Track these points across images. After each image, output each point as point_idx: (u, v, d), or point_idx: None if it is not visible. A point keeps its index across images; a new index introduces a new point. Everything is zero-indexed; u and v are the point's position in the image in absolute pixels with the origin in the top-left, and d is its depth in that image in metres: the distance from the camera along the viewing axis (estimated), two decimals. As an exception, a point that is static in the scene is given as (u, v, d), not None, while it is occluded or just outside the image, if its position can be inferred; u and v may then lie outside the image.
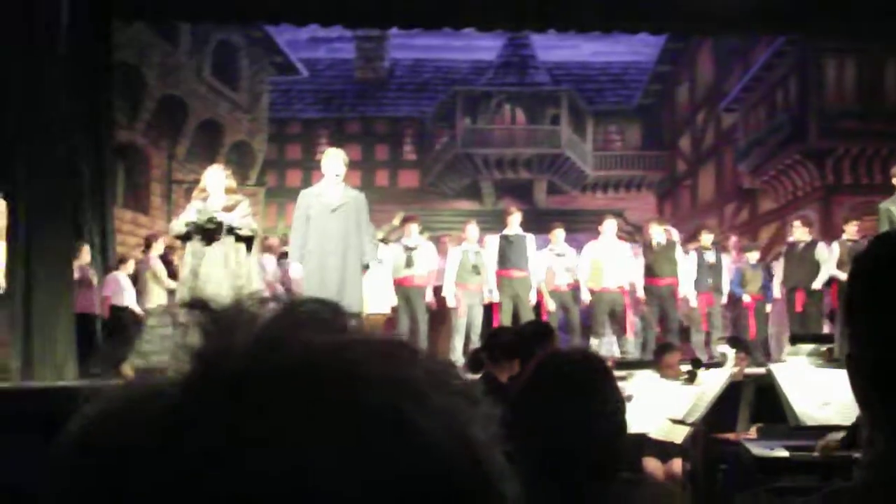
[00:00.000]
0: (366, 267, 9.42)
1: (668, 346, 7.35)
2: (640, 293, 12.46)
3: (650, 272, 12.43)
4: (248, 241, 9.05)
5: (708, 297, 12.87)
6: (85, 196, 10.38)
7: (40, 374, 8.80)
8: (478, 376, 5.79)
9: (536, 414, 1.98)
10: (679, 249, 12.75)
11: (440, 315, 12.70)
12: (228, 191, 9.04)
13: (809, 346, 5.88)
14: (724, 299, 13.03)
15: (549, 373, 2.08)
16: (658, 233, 12.59)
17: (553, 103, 17.05)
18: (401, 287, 12.01)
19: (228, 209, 8.92)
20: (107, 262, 10.97)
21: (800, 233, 12.56)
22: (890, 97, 16.88)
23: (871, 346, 1.13)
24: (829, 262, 12.13)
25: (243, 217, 8.90)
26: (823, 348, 6.56)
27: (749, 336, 12.70)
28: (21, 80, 9.34)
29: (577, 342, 12.31)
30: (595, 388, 2.02)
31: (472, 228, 12.33)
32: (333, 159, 9.37)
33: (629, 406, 4.18)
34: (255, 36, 16.04)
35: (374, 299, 10.97)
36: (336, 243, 9.12)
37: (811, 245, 12.49)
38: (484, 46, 16.43)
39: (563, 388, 2.02)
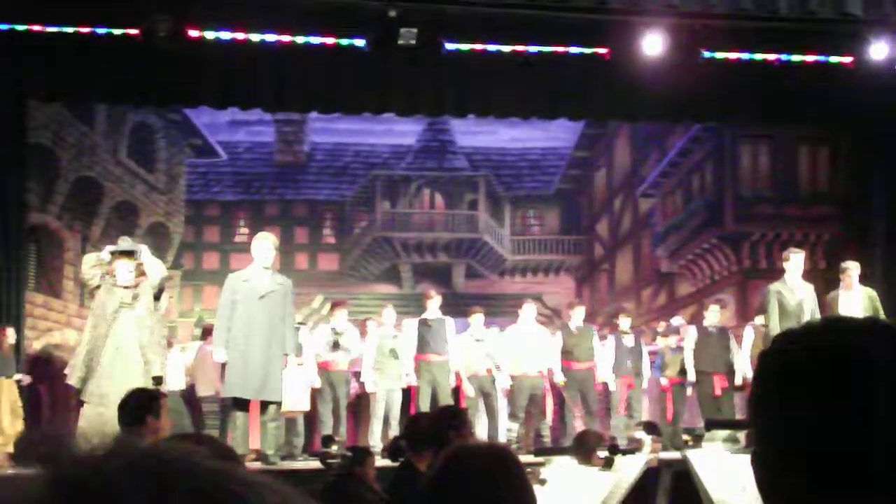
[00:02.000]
0: (286, 356, 9.31)
1: (587, 433, 7.33)
2: (559, 377, 12.48)
3: (568, 356, 12.47)
4: (157, 294, 8.84)
5: (628, 380, 12.93)
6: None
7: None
8: (397, 464, 5.71)
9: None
10: (596, 334, 12.82)
11: (360, 399, 12.61)
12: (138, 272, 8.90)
13: (725, 432, 5.88)
14: (645, 383, 13.10)
15: (455, 468, 2.03)
16: (577, 316, 12.66)
17: (471, 188, 17.14)
18: (324, 371, 11.92)
19: (137, 296, 8.76)
20: (18, 345, 10.73)
21: (714, 316, 12.73)
22: (802, 183, 17.24)
23: (773, 442, 1.13)
24: (743, 350, 12.31)
25: (154, 275, 8.71)
26: (740, 434, 6.58)
27: (667, 420, 12.76)
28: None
29: (499, 427, 12.27)
30: (503, 482, 1.97)
31: (389, 312, 12.32)
32: (263, 244, 9.28)
33: (545, 492, 4.13)
34: (172, 118, 15.95)
35: (293, 396, 10.84)
36: (262, 331, 9.03)
37: (723, 331, 12.69)
38: (404, 131, 16.50)
39: (471, 484, 1.97)
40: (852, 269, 10.67)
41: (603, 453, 6.09)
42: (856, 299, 10.51)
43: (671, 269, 17.50)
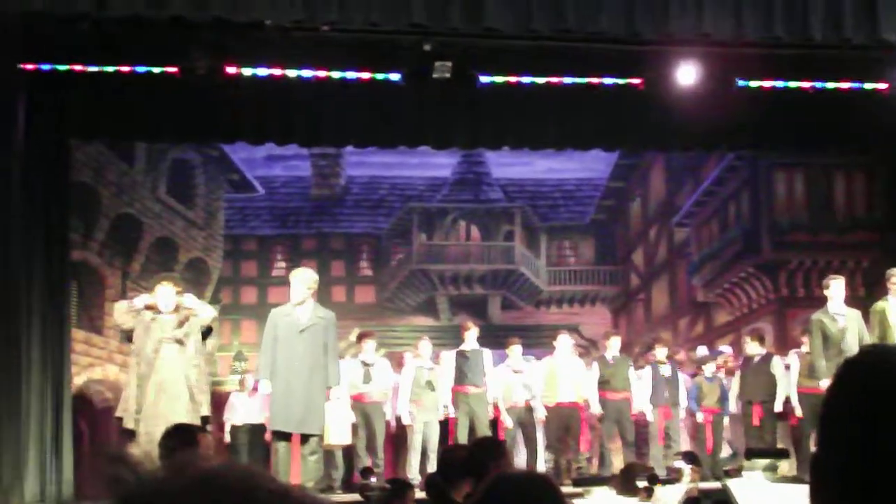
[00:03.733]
0: (329, 389, 9.37)
1: (633, 466, 7.33)
2: (595, 408, 12.47)
3: (605, 386, 12.46)
4: (205, 333, 8.97)
5: (666, 410, 12.88)
6: (34, 317, 10.29)
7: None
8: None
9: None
10: (632, 364, 12.82)
11: (397, 432, 12.63)
12: (177, 308, 9.02)
13: (765, 461, 5.87)
14: (683, 413, 13.05)
15: (498, 496, 2.07)
16: (613, 346, 12.66)
17: (507, 219, 17.19)
18: (358, 403, 11.97)
19: (182, 322, 8.88)
20: (61, 382, 10.83)
21: (752, 347, 12.67)
22: (838, 210, 17.18)
23: (840, 451, 1.13)
24: (787, 377, 12.20)
25: (202, 313, 8.85)
26: (780, 462, 6.56)
27: (706, 451, 12.70)
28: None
29: (538, 458, 12.25)
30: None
31: (425, 344, 12.36)
32: (296, 282, 9.38)
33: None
34: (210, 154, 16.12)
35: (336, 429, 10.92)
36: (302, 364, 9.11)
37: (766, 358, 12.60)
38: (439, 164, 16.59)
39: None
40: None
41: (642, 483, 6.09)
42: None
43: (707, 299, 17.45)
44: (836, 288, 10.60)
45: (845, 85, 11.51)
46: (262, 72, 10.81)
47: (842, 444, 1.13)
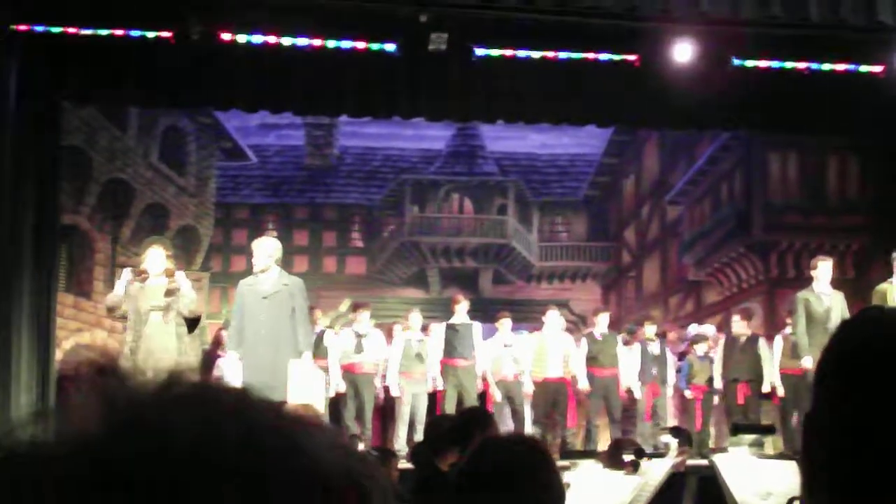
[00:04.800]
0: (302, 353, 9.33)
1: (621, 441, 7.37)
2: (583, 384, 12.50)
3: (593, 362, 12.49)
4: (191, 323, 8.99)
5: (654, 387, 12.92)
6: (24, 280, 10.27)
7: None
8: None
9: (476, 500, 1.96)
10: (620, 340, 12.84)
11: (386, 403, 12.65)
12: (168, 273, 9.00)
13: (751, 437, 5.89)
14: (671, 391, 13.09)
15: (487, 459, 2.07)
16: (602, 323, 12.69)
17: (500, 193, 17.17)
18: (348, 373, 11.98)
19: (170, 292, 8.87)
20: (48, 345, 10.82)
21: (739, 326, 12.72)
22: (831, 192, 17.19)
23: (834, 409, 1.12)
24: (773, 359, 12.27)
25: (190, 297, 8.86)
26: (766, 438, 6.58)
27: (695, 428, 12.74)
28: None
29: (525, 432, 12.28)
30: (534, 474, 2.01)
31: (416, 316, 12.37)
32: (257, 251, 9.33)
33: (569, 495, 4.15)
34: (203, 122, 16.06)
35: (302, 395, 10.90)
36: (267, 330, 9.08)
37: (753, 338, 12.64)
38: (433, 136, 16.56)
39: (503, 474, 2.01)
40: None
41: (629, 457, 6.12)
42: None
43: (698, 277, 17.48)
44: (823, 268, 10.62)
45: (841, 66, 11.48)
46: (258, 39, 10.75)
47: (836, 402, 1.13)
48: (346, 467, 0.57)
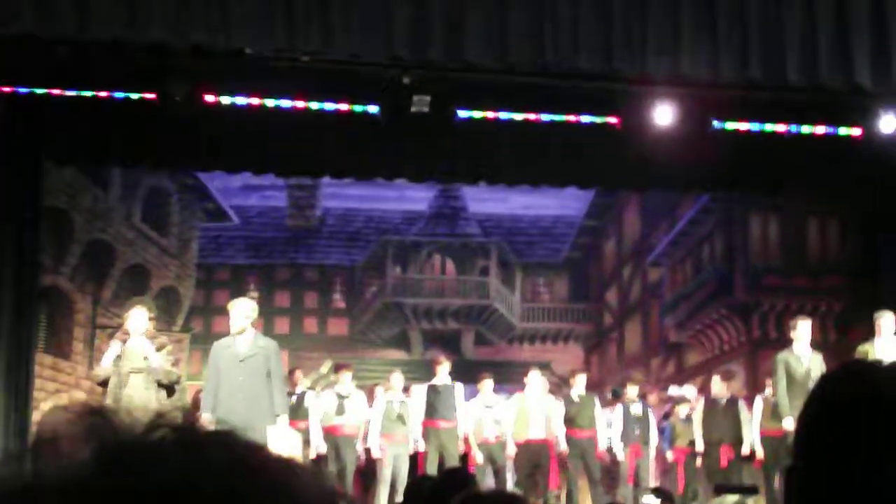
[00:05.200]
0: (277, 417, 9.27)
1: None
2: (563, 445, 12.46)
3: (570, 424, 12.46)
4: (168, 388, 8.94)
5: (636, 449, 12.88)
6: (3, 339, 10.20)
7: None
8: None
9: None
10: (598, 402, 12.82)
11: (367, 464, 12.58)
12: (149, 334, 8.97)
13: (734, 497, 5.87)
14: (653, 452, 13.05)
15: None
16: (579, 384, 12.68)
17: (483, 255, 17.20)
18: (330, 435, 11.92)
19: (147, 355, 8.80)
20: (26, 407, 10.74)
21: (718, 388, 12.73)
22: (812, 254, 17.28)
23: (815, 463, 1.12)
24: (753, 421, 12.26)
25: (167, 363, 8.83)
26: (748, 499, 6.56)
27: (678, 490, 12.69)
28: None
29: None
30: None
31: (397, 377, 12.34)
32: (235, 312, 9.29)
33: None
34: (186, 182, 16.09)
35: (279, 451, 10.77)
36: (244, 394, 9.03)
37: (732, 401, 12.66)
38: (416, 197, 16.62)
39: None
40: (885, 317, 10.48)
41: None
42: (890, 348, 10.32)
43: (680, 339, 17.50)
44: (802, 329, 10.64)
45: (820, 129, 11.58)
46: (241, 100, 10.80)
47: (817, 455, 1.13)
48: None
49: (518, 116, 11.32)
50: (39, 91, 10.45)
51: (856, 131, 11.40)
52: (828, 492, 1.10)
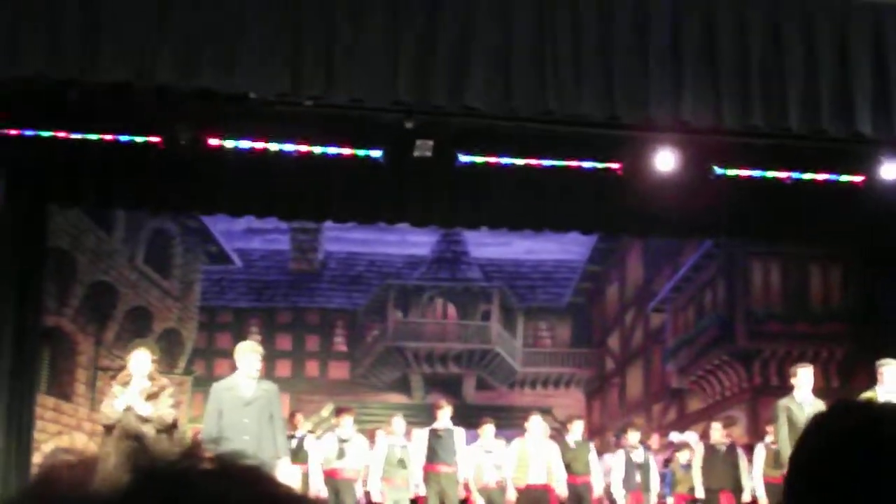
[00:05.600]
0: (279, 460, 9.27)
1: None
2: (562, 491, 12.43)
3: (567, 469, 12.45)
4: (168, 431, 8.92)
5: (637, 496, 12.85)
6: (2, 380, 10.21)
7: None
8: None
9: None
10: (593, 449, 12.81)
11: (367, 510, 12.52)
12: (151, 377, 8.96)
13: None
14: (654, 498, 13.01)
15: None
16: (576, 430, 12.66)
17: (484, 299, 17.20)
18: (330, 479, 11.89)
19: (152, 395, 8.82)
20: (28, 448, 10.73)
21: (718, 434, 12.71)
22: (814, 300, 17.27)
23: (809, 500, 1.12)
24: (755, 468, 12.21)
25: (167, 406, 8.81)
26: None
27: (679, 538, 12.63)
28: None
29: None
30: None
31: (399, 421, 12.33)
32: (250, 355, 9.28)
33: None
34: (190, 225, 16.13)
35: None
36: (250, 437, 9.02)
37: (731, 448, 12.64)
38: (418, 241, 16.64)
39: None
40: (889, 366, 10.41)
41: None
42: (894, 398, 10.27)
43: (682, 385, 17.46)
44: (803, 376, 10.57)
45: (822, 176, 11.64)
46: (245, 144, 10.88)
47: (810, 493, 1.13)
48: None
49: (520, 161, 11.38)
50: (45, 134, 10.53)
51: (857, 178, 11.45)
52: None
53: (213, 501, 0.56)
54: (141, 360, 8.94)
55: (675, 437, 14.58)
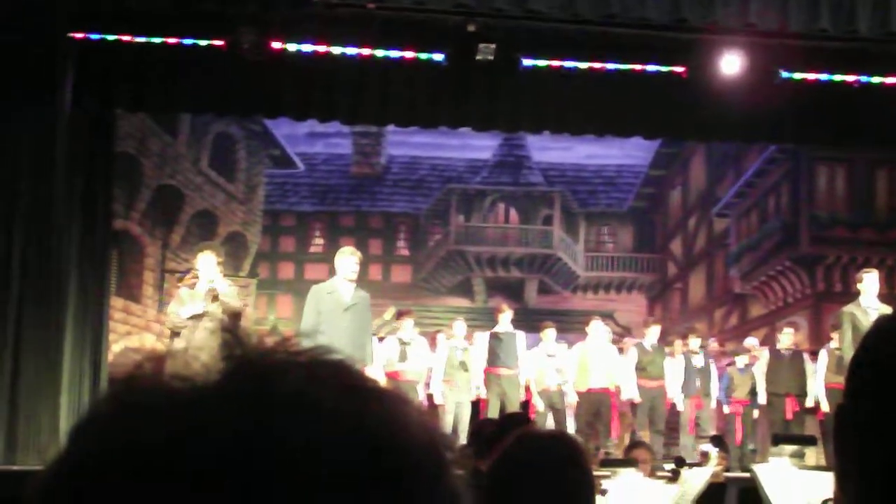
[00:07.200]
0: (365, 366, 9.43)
1: (638, 444, 7.37)
2: (628, 394, 12.49)
3: (641, 373, 12.49)
4: (232, 319, 9.04)
5: (697, 400, 12.89)
6: (72, 284, 10.41)
7: (23, 459, 8.83)
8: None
9: (507, 491, 2.02)
10: (667, 353, 12.82)
11: (429, 411, 12.69)
12: (212, 287, 9.07)
13: (792, 447, 5.89)
14: (714, 403, 13.06)
15: (523, 451, 2.13)
16: (652, 335, 12.69)
17: (546, 204, 17.19)
18: (392, 381, 12.03)
19: (214, 298, 8.95)
20: (100, 347, 10.98)
21: (785, 339, 12.65)
22: (879, 206, 17.06)
23: (867, 398, 1.11)
24: (818, 374, 12.20)
25: (234, 297, 8.96)
26: (807, 449, 6.57)
27: (735, 442, 12.70)
28: (25, 164, 9.47)
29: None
30: (565, 468, 2.06)
31: (460, 325, 12.40)
32: (350, 259, 9.38)
33: (606, 502, 4.20)
34: (253, 129, 16.23)
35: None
36: (346, 341, 9.15)
37: (797, 354, 12.60)
38: (480, 146, 16.62)
39: (535, 465, 2.06)
40: None
41: (670, 465, 6.13)
42: None
43: (744, 291, 17.41)
44: (869, 281, 10.43)
45: (890, 80, 11.42)
46: (307, 48, 10.87)
47: (867, 393, 1.13)
48: (434, 440, 0.65)
49: (583, 65, 11.28)
50: (110, 37, 10.59)
51: (927, 81, 11.23)
52: (873, 432, 1.10)
53: (305, 391, 0.61)
54: (207, 262, 9.08)
55: (743, 342, 14.56)
